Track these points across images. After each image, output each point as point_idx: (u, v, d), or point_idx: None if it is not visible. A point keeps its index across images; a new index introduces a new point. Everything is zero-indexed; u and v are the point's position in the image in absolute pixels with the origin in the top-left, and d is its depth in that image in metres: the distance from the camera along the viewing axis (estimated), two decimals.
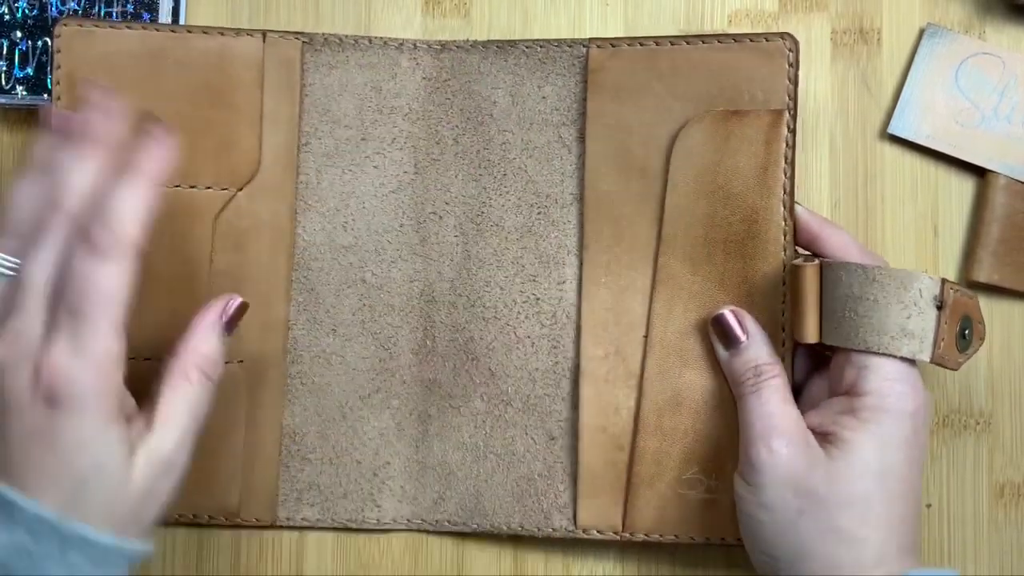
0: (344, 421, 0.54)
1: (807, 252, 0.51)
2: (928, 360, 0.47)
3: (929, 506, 0.53)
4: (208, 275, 0.52)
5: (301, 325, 0.54)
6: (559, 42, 0.53)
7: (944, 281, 0.46)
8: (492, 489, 0.53)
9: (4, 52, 0.54)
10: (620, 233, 0.52)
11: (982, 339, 0.49)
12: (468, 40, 0.54)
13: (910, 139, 0.54)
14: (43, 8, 0.55)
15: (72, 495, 0.42)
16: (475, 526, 0.53)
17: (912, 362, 0.47)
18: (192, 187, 0.52)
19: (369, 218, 0.54)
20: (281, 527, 0.54)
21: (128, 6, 0.54)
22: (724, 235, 0.51)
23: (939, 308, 0.47)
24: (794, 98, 0.51)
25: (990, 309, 0.54)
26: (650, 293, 0.52)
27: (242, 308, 0.49)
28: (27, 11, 0.55)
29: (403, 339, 0.54)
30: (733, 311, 0.50)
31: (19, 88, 0.54)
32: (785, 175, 0.50)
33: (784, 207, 0.50)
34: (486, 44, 0.54)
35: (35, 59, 0.55)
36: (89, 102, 0.45)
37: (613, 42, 0.52)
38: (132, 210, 0.43)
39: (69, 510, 0.42)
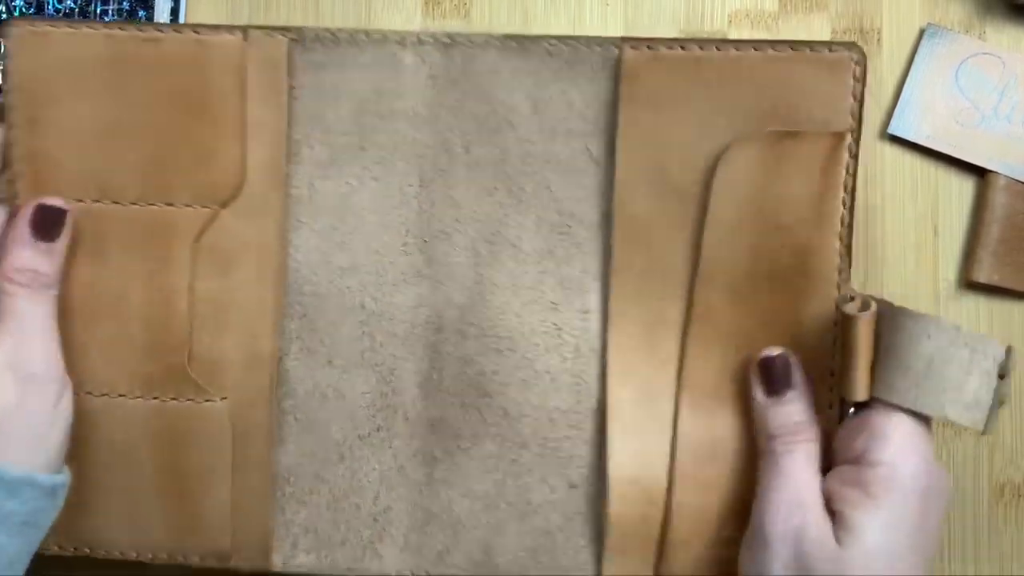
0: (342, 462, 0.49)
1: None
2: (981, 430, 0.44)
3: None
4: (188, 304, 0.48)
5: (294, 356, 0.49)
6: (587, 40, 0.48)
7: (1010, 349, 0.44)
8: (504, 542, 0.49)
9: (1, 50, 0.54)
10: (652, 260, 0.47)
11: (1004, 402, 0.44)
12: (482, 34, 0.49)
13: (910, 139, 0.54)
14: (40, 6, 0.54)
15: None
16: None
17: (929, 434, 0.44)
18: (169, 205, 0.48)
19: (369, 237, 0.49)
20: (277, 574, 0.50)
21: (124, 3, 0.54)
22: (770, 269, 0.46)
23: (1001, 377, 0.44)
24: (859, 119, 0.46)
25: (990, 309, 0.54)
26: (683, 328, 0.47)
27: (51, 211, 0.46)
28: (24, 9, 0.54)
29: (407, 372, 0.49)
30: (787, 355, 0.46)
31: None
32: (844, 206, 0.46)
33: (841, 241, 0.46)
34: (503, 39, 0.48)
35: None
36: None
37: (650, 43, 0.47)
38: None
39: None
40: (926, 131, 0.54)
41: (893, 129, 0.54)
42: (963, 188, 0.54)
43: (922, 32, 0.55)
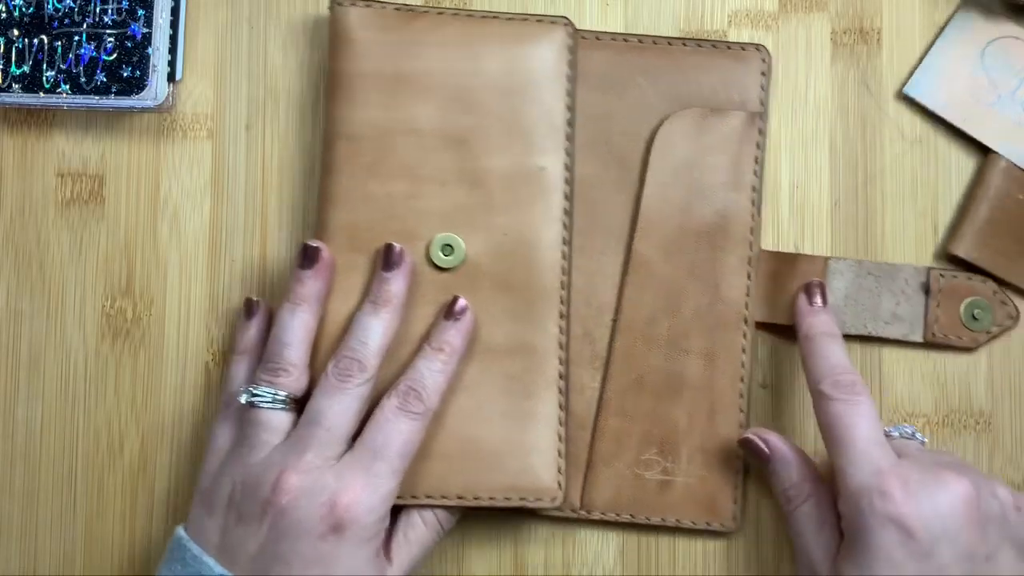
0: None
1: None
2: (920, 340, 0.52)
3: None
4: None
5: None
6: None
7: (930, 269, 0.52)
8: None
9: (1, 50, 0.54)
10: (595, 219, 0.53)
11: (1014, 318, 0.53)
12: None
13: (924, 103, 0.54)
14: (39, 6, 0.54)
15: None
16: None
17: (887, 455, 0.46)
18: None
19: None
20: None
21: (124, 3, 0.54)
22: (697, 226, 0.53)
23: (926, 293, 0.52)
24: (766, 104, 0.54)
25: None
26: (620, 278, 0.53)
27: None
28: (23, 8, 0.54)
29: None
30: (755, 433, 0.51)
31: (15, 86, 0.54)
32: (755, 175, 0.53)
33: (752, 204, 0.53)
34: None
35: (31, 57, 0.54)
36: (394, 268, 0.50)
37: (598, 35, 0.54)
38: (439, 385, 0.49)
39: None
40: (942, 99, 0.54)
41: (909, 90, 0.54)
42: (963, 188, 0.54)
43: (961, 2, 0.54)
